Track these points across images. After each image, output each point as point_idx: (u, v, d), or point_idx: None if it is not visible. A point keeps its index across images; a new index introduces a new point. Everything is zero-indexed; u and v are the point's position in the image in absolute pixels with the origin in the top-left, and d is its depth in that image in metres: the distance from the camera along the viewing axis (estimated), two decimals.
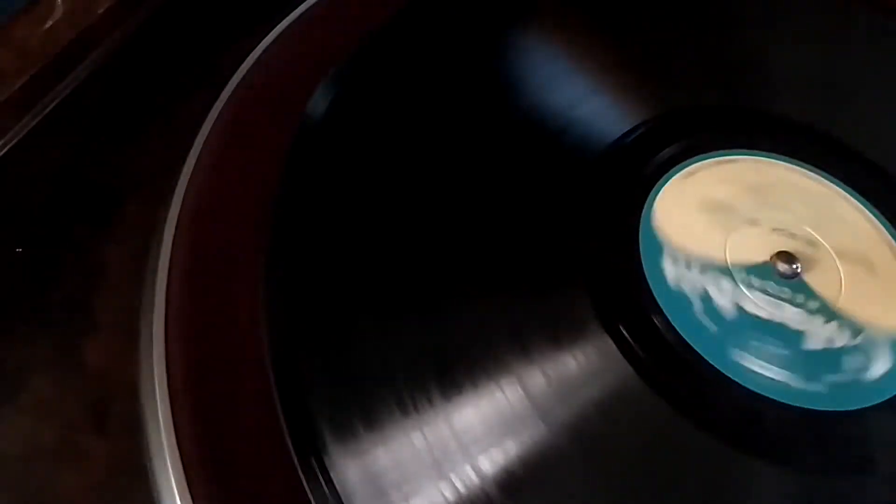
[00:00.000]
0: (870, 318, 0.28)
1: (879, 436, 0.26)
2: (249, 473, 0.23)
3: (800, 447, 0.26)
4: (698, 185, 0.30)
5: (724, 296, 0.28)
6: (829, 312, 0.28)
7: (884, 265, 0.30)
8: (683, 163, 0.31)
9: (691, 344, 0.27)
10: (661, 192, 0.30)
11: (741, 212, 0.30)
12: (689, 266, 0.28)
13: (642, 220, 0.29)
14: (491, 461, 0.24)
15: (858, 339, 0.28)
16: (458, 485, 0.23)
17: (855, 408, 0.26)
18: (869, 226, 0.31)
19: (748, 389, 0.26)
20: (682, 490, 0.25)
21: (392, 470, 0.23)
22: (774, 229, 0.30)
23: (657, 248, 0.28)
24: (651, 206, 0.29)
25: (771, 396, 0.26)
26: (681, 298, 0.28)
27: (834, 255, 0.30)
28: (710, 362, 0.26)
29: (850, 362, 0.27)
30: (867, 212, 0.31)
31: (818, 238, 0.30)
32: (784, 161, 0.32)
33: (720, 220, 0.30)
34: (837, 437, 0.26)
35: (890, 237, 0.31)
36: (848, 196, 0.31)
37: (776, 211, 0.30)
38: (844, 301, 0.29)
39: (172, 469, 0.23)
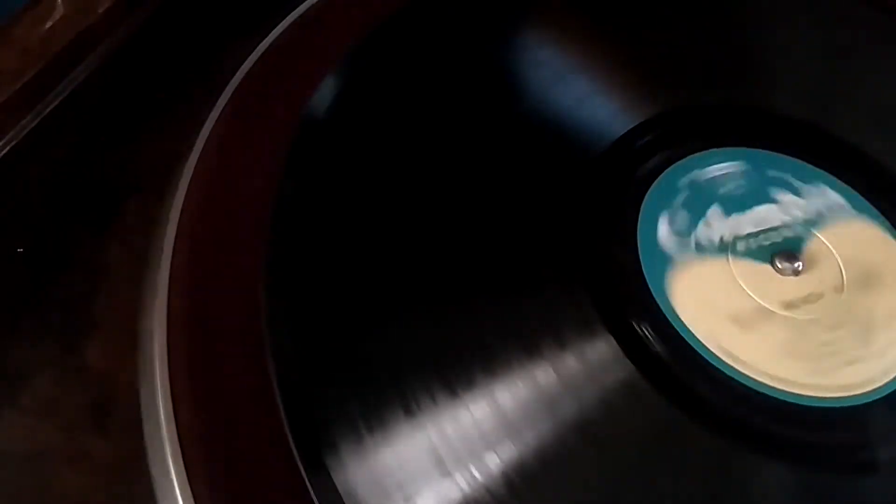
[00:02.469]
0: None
1: (880, 432, 0.26)
2: (251, 474, 0.23)
3: (802, 444, 0.26)
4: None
5: None
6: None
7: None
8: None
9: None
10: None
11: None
12: None
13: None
14: (494, 461, 0.24)
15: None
16: (463, 484, 0.23)
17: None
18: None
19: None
20: (686, 487, 0.25)
21: (396, 470, 0.23)
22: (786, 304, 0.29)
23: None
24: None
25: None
26: None
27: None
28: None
29: None
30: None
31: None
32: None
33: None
34: (839, 434, 0.26)
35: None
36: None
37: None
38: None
39: (174, 469, 0.23)
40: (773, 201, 0.31)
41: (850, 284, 0.29)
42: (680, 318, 0.27)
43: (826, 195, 0.31)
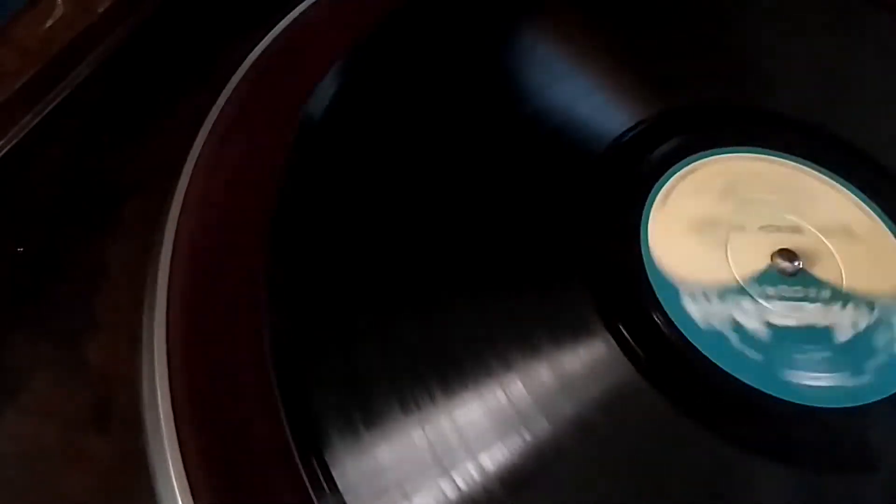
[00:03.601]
0: (874, 289, 0.29)
1: (883, 433, 0.26)
2: (251, 472, 0.23)
3: (803, 445, 0.26)
4: (676, 207, 0.30)
5: (750, 318, 0.28)
6: (841, 296, 0.28)
7: (862, 229, 0.30)
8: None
9: (743, 380, 0.26)
10: (649, 227, 0.29)
11: (725, 220, 0.30)
12: (708, 299, 0.28)
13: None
14: (492, 459, 0.24)
15: (876, 314, 0.28)
16: (460, 482, 0.23)
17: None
18: (837, 194, 0.31)
19: (813, 407, 0.26)
20: (684, 488, 0.25)
21: (394, 468, 0.23)
22: (761, 227, 0.30)
23: (673, 290, 0.28)
24: (647, 242, 0.29)
25: (833, 406, 0.26)
26: (716, 336, 0.27)
27: (818, 233, 0.30)
28: (770, 393, 0.26)
29: (879, 339, 0.28)
30: (831, 181, 0.31)
31: (800, 221, 0.30)
32: (743, 152, 0.32)
33: (712, 237, 0.29)
34: (840, 435, 0.26)
35: (858, 200, 0.31)
36: (808, 169, 0.31)
37: (753, 206, 0.30)
38: (848, 279, 0.29)
39: (174, 468, 0.23)
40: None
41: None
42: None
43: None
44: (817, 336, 0.28)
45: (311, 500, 0.23)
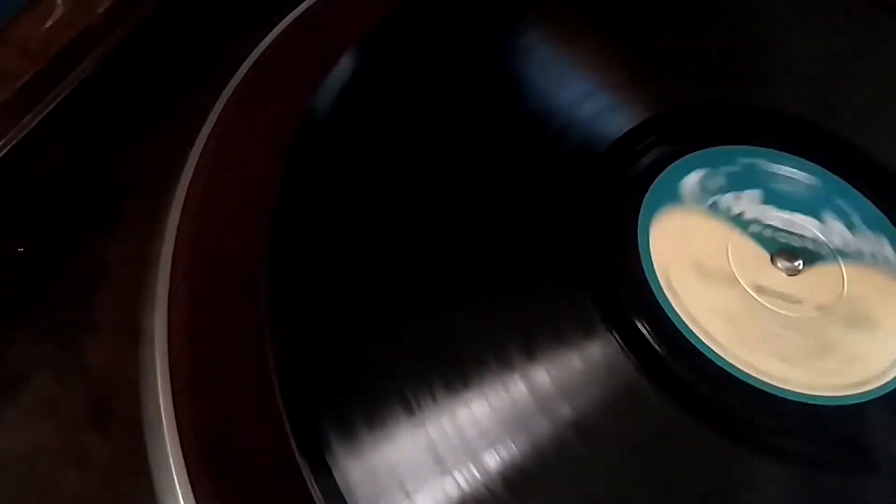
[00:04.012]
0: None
1: (880, 431, 0.26)
2: (252, 472, 0.23)
3: (802, 444, 0.26)
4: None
5: None
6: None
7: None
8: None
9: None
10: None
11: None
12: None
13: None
14: (494, 459, 0.24)
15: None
16: (462, 482, 0.23)
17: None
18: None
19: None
20: (685, 486, 0.25)
21: (395, 468, 0.23)
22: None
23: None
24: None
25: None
26: None
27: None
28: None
29: None
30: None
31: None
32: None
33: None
34: (838, 433, 0.26)
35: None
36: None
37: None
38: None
39: (175, 468, 0.23)
40: (819, 219, 0.30)
41: (838, 313, 0.29)
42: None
43: (881, 246, 0.30)
44: None
45: (312, 500, 0.23)
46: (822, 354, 0.28)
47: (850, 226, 0.30)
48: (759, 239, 0.30)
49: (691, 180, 0.30)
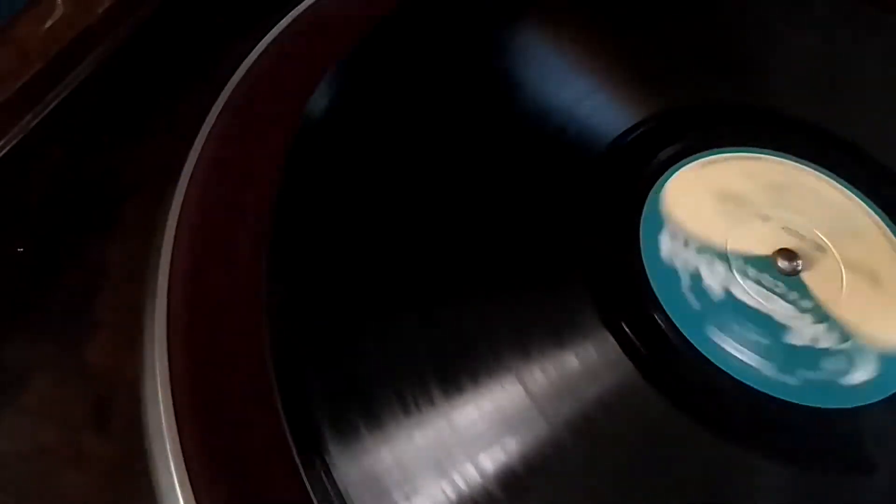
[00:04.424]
0: (863, 328, 0.28)
1: (875, 434, 0.26)
2: (251, 473, 0.23)
3: (802, 444, 0.26)
4: (717, 173, 0.31)
5: (715, 278, 0.28)
6: (820, 314, 0.28)
7: (892, 282, 0.30)
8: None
9: (670, 316, 0.27)
10: (676, 175, 0.30)
11: (755, 206, 0.30)
12: (686, 244, 0.28)
13: (647, 204, 0.30)
14: (493, 459, 0.24)
15: (845, 345, 0.28)
16: (461, 483, 0.23)
17: (833, 406, 0.27)
18: (886, 242, 0.31)
19: (718, 367, 0.26)
20: (684, 486, 0.25)
21: (394, 469, 0.23)
22: (784, 228, 0.30)
23: (659, 223, 0.29)
24: (662, 186, 0.30)
25: (740, 378, 0.26)
26: (670, 273, 0.28)
27: (841, 263, 0.30)
28: (685, 335, 0.27)
29: (830, 364, 0.27)
30: (887, 228, 0.31)
31: (828, 244, 0.30)
32: (811, 167, 0.32)
33: (731, 211, 0.30)
34: (840, 435, 0.26)
35: None
36: (870, 211, 0.31)
37: (791, 212, 0.30)
38: (841, 307, 0.29)
39: (174, 468, 0.23)
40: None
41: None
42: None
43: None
44: (767, 325, 0.28)
45: (311, 501, 0.23)
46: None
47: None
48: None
49: None
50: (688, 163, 0.31)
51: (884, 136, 0.33)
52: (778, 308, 0.28)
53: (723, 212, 0.30)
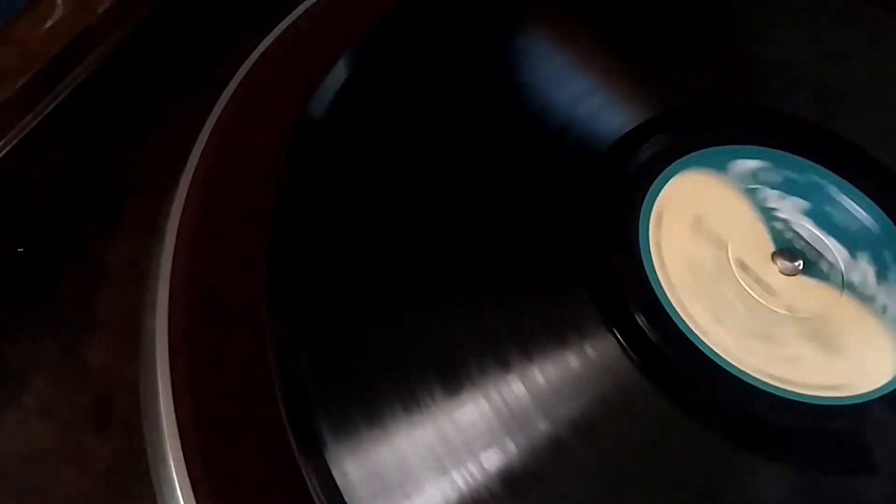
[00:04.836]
0: None
1: (877, 431, 0.26)
2: (252, 472, 0.23)
3: (799, 443, 0.26)
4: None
5: None
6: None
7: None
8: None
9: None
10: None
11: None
12: None
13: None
14: (493, 458, 0.24)
15: None
16: (461, 482, 0.23)
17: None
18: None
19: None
20: (684, 487, 0.25)
21: (394, 467, 0.23)
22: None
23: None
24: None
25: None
26: None
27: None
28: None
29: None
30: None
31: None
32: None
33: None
34: (835, 433, 0.26)
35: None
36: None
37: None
38: None
39: (175, 468, 0.23)
40: (852, 255, 0.30)
41: (806, 322, 0.28)
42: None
43: None
44: None
45: (312, 500, 0.23)
46: (760, 340, 0.27)
47: (881, 276, 0.30)
48: (774, 234, 0.29)
49: (748, 164, 0.30)
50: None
51: (885, 136, 0.33)
52: None
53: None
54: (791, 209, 0.30)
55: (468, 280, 0.27)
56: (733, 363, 0.27)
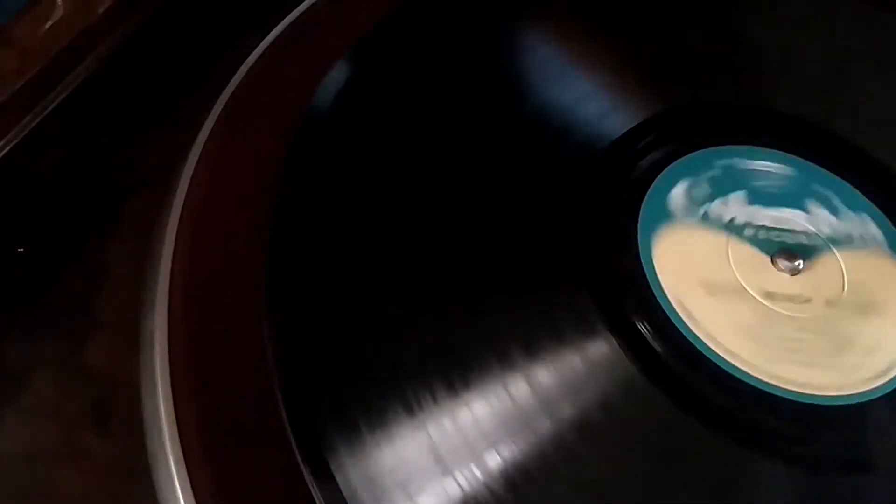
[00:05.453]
0: None
1: (879, 431, 0.26)
2: (253, 473, 0.23)
3: (803, 444, 0.26)
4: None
5: None
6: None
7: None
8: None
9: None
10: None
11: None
12: None
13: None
14: (495, 459, 0.24)
15: None
16: (463, 483, 0.23)
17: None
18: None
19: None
20: (685, 487, 0.25)
21: (396, 469, 0.23)
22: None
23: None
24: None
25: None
26: None
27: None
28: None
29: None
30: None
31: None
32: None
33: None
34: (838, 433, 0.26)
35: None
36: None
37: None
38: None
39: (175, 468, 0.23)
40: (804, 210, 0.31)
41: (846, 304, 0.29)
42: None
43: (865, 225, 0.31)
44: None
45: (314, 501, 0.23)
46: (843, 350, 0.28)
47: (833, 210, 0.31)
48: (756, 242, 0.30)
49: (678, 193, 0.30)
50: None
51: (886, 136, 0.33)
52: None
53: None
54: (739, 208, 0.30)
55: (469, 280, 0.27)
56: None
